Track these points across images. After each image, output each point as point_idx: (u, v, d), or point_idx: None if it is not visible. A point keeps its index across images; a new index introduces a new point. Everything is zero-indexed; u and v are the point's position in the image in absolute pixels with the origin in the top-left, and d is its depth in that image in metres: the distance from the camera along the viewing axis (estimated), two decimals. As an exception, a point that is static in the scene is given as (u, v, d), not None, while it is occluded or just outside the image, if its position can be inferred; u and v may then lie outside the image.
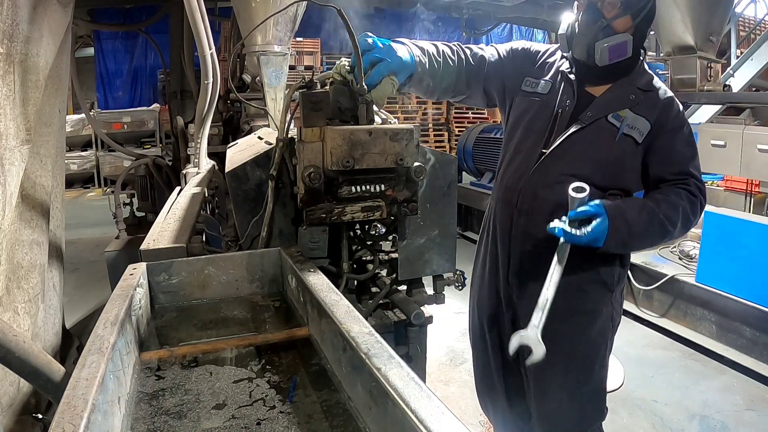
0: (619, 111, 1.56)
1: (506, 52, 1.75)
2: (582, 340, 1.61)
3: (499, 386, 1.82)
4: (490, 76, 1.72)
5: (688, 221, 1.55)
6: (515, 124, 1.70)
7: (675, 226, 1.53)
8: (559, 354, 1.58)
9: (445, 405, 0.71)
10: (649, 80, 1.63)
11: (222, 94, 4.71)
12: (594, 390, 1.66)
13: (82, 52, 10.82)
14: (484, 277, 1.77)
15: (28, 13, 1.54)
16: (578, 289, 1.58)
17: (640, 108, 1.57)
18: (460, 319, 3.93)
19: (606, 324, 1.64)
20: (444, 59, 1.62)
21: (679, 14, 4.04)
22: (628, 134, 1.55)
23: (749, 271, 3.12)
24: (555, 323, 1.53)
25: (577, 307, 1.60)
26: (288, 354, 1.17)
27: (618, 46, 1.52)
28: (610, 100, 1.59)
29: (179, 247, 1.55)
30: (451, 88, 1.69)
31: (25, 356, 1.17)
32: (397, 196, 1.39)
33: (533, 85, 1.68)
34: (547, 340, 1.52)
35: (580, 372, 1.62)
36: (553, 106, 1.62)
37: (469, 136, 6.19)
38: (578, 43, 1.57)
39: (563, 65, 1.66)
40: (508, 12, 7.58)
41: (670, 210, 1.52)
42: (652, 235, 1.54)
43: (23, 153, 1.58)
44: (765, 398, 2.88)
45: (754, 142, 3.46)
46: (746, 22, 8.80)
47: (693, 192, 1.56)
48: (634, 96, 1.58)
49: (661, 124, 1.56)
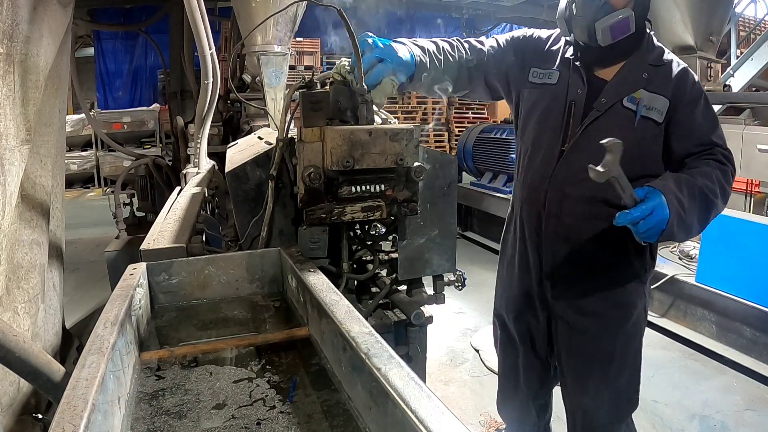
0: (633, 93, 1.50)
1: (506, 42, 1.70)
2: (619, 334, 1.61)
3: (524, 382, 1.83)
4: (490, 69, 1.68)
5: (725, 191, 1.46)
6: (527, 117, 1.67)
7: (717, 197, 1.44)
8: (598, 349, 1.61)
9: (445, 405, 0.71)
10: (660, 54, 1.56)
11: (222, 94, 4.71)
12: (629, 381, 1.65)
13: (82, 52, 10.82)
14: (513, 277, 1.76)
15: (28, 13, 1.54)
16: (615, 283, 1.58)
17: (654, 85, 1.50)
18: (460, 319, 3.94)
19: (641, 315, 1.63)
20: (444, 56, 1.60)
21: (679, 14, 4.04)
22: (646, 116, 1.49)
23: (749, 271, 3.12)
24: (593, 318, 1.59)
25: (615, 301, 1.59)
26: (288, 354, 1.17)
27: (619, 23, 1.46)
28: (622, 82, 1.53)
29: (179, 247, 1.55)
30: (452, 83, 1.66)
31: (25, 356, 1.17)
32: (397, 196, 1.39)
33: (541, 76, 1.63)
34: (585, 335, 1.59)
35: (617, 365, 1.62)
36: (565, 96, 1.57)
37: (469, 136, 6.19)
38: (577, 25, 1.51)
39: (568, 51, 1.61)
40: (508, 12, 7.60)
41: (707, 180, 1.43)
42: (699, 210, 1.42)
43: (23, 153, 1.58)
44: (765, 398, 2.88)
45: (754, 142, 3.47)
46: (746, 22, 8.80)
47: (721, 161, 1.48)
48: (646, 74, 1.52)
49: (679, 98, 1.49)
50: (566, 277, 1.61)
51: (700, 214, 1.42)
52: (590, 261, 1.57)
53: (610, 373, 1.62)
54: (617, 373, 1.63)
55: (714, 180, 1.43)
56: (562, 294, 1.63)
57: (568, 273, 1.60)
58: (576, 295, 1.61)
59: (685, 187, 1.39)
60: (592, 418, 1.68)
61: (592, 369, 1.63)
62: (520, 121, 1.71)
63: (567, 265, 1.59)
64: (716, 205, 1.44)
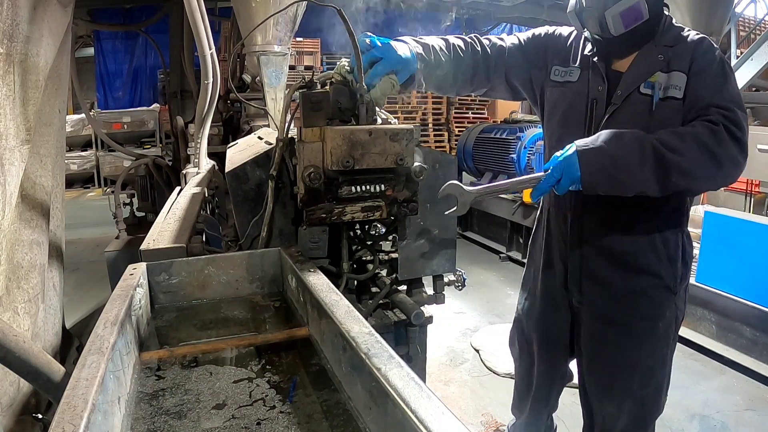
0: (650, 78, 1.44)
1: (527, 40, 1.66)
2: (645, 344, 1.55)
3: (543, 383, 1.83)
4: (510, 66, 1.64)
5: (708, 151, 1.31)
6: (550, 116, 1.64)
7: (682, 154, 1.31)
8: (622, 359, 1.56)
9: (445, 405, 0.71)
10: (677, 33, 1.48)
11: (222, 94, 4.71)
12: (655, 389, 1.61)
13: (82, 52, 10.82)
14: (538, 280, 1.74)
15: (28, 13, 1.54)
16: (641, 293, 1.52)
17: (673, 64, 1.43)
18: (460, 319, 3.94)
19: (669, 326, 1.56)
20: (454, 52, 1.57)
21: (679, 14, 4.04)
22: (665, 97, 1.42)
23: (749, 271, 3.11)
24: (617, 327, 1.55)
25: (641, 313, 1.53)
26: (288, 354, 1.17)
27: (630, 10, 1.40)
28: (636, 70, 1.48)
29: (179, 247, 1.55)
30: (468, 81, 1.63)
31: (25, 356, 1.17)
32: (397, 196, 1.39)
33: (563, 74, 1.59)
34: (609, 344, 1.56)
35: (641, 377, 1.58)
36: (586, 93, 1.53)
37: (469, 136, 6.19)
38: (589, 17, 1.47)
39: (587, 48, 1.57)
40: (508, 12, 7.59)
41: (669, 135, 1.33)
42: (645, 164, 1.32)
43: (23, 153, 1.58)
44: (765, 398, 2.88)
45: (754, 142, 3.47)
46: (746, 22, 8.80)
47: (713, 120, 1.35)
48: (662, 56, 1.45)
49: (693, 69, 1.41)
50: (591, 284, 1.57)
51: (650, 169, 1.31)
52: (615, 268, 1.53)
53: (633, 383, 1.58)
54: (641, 384, 1.58)
55: (687, 139, 1.32)
56: (587, 300, 1.59)
57: (593, 279, 1.56)
58: (601, 302, 1.57)
59: (618, 141, 1.33)
60: (614, 424, 1.64)
61: (615, 378, 1.59)
62: (544, 120, 1.69)
63: (592, 270, 1.55)
64: (675, 161, 1.31)
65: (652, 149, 1.31)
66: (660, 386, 1.62)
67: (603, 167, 1.33)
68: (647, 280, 1.51)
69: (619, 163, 1.32)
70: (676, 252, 1.51)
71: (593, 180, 1.34)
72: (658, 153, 1.31)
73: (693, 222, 4.52)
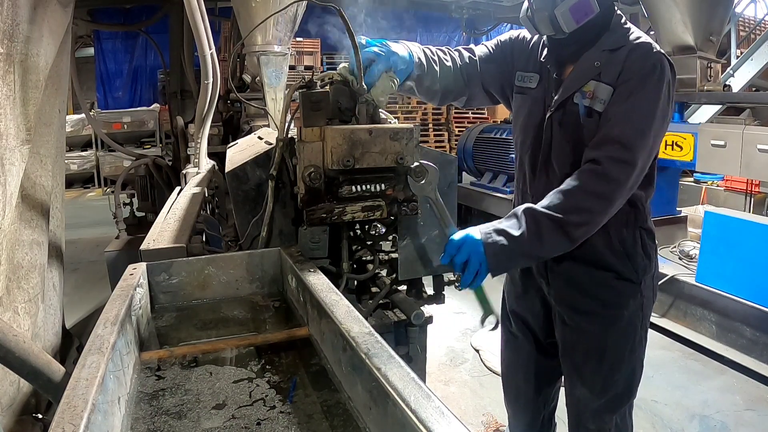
0: (584, 86, 1.41)
1: (494, 47, 1.68)
2: (612, 331, 1.60)
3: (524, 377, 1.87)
4: (484, 74, 1.67)
5: (594, 194, 1.35)
6: (515, 121, 1.68)
7: (566, 212, 1.35)
8: (591, 345, 1.62)
9: (445, 405, 0.71)
10: (621, 36, 1.43)
11: (222, 94, 4.71)
12: (627, 375, 1.66)
13: (82, 52, 10.81)
14: (515, 274, 1.79)
15: (28, 13, 1.54)
16: (603, 284, 1.57)
17: (605, 74, 1.39)
18: (460, 319, 3.94)
19: (635, 314, 1.60)
20: (440, 60, 1.61)
21: (679, 14, 4.03)
22: (591, 110, 1.40)
23: (749, 271, 3.11)
24: (585, 316, 1.61)
25: (605, 301, 1.59)
26: (288, 354, 1.17)
27: (579, 4, 1.37)
28: (574, 76, 1.45)
29: (179, 247, 1.55)
30: (450, 89, 1.66)
31: (25, 356, 1.17)
32: (397, 196, 1.39)
33: (524, 80, 1.60)
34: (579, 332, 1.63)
35: (611, 362, 1.63)
36: (543, 99, 1.54)
37: (469, 136, 6.19)
38: (540, 19, 1.43)
39: (544, 52, 1.55)
40: (508, 12, 7.59)
41: (556, 197, 1.36)
42: (539, 233, 1.36)
43: (23, 153, 1.58)
44: (765, 398, 2.88)
45: (754, 142, 3.46)
46: (746, 22, 8.80)
47: (597, 160, 1.34)
48: (599, 62, 1.41)
49: (619, 80, 1.36)
50: (559, 277, 1.63)
51: (546, 237, 1.36)
52: (577, 263, 1.58)
53: (603, 368, 1.64)
54: (612, 368, 1.64)
55: (568, 193, 1.36)
56: (558, 292, 1.65)
57: (560, 272, 1.61)
58: (570, 293, 1.62)
59: (513, 218, 1.39)
60: (586, 406, 1.70)
61: (586, 363, 1.66)
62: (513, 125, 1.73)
63: (559, 265, 1.60)
64: (565, 221, 1.35)
65: (549, 220, 1.35)
66: (631, 371, 1.67)
67: (510, 255, 1.38)
68: (607, 274, 1.56)
69: (517, 236, 1.36)
70: (634, 248, 1.55)
71: (501, 268, 1.42)
72: (554, 221, 1.35)
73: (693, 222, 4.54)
